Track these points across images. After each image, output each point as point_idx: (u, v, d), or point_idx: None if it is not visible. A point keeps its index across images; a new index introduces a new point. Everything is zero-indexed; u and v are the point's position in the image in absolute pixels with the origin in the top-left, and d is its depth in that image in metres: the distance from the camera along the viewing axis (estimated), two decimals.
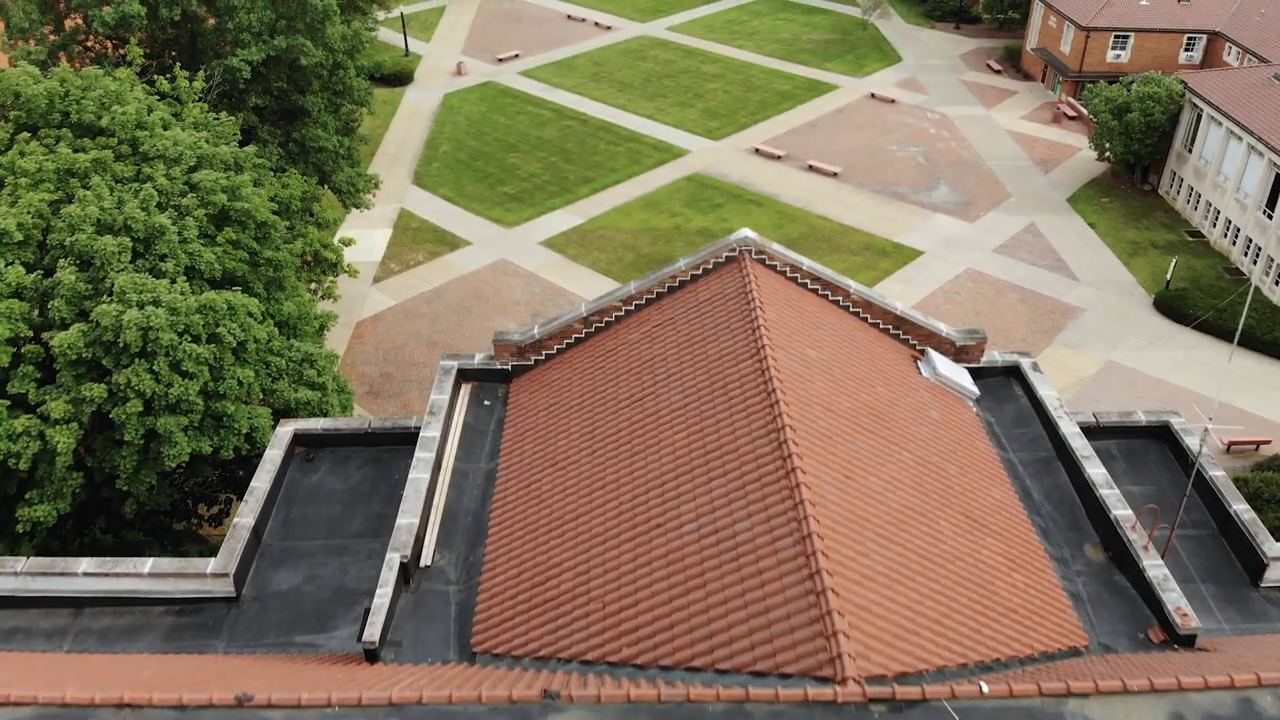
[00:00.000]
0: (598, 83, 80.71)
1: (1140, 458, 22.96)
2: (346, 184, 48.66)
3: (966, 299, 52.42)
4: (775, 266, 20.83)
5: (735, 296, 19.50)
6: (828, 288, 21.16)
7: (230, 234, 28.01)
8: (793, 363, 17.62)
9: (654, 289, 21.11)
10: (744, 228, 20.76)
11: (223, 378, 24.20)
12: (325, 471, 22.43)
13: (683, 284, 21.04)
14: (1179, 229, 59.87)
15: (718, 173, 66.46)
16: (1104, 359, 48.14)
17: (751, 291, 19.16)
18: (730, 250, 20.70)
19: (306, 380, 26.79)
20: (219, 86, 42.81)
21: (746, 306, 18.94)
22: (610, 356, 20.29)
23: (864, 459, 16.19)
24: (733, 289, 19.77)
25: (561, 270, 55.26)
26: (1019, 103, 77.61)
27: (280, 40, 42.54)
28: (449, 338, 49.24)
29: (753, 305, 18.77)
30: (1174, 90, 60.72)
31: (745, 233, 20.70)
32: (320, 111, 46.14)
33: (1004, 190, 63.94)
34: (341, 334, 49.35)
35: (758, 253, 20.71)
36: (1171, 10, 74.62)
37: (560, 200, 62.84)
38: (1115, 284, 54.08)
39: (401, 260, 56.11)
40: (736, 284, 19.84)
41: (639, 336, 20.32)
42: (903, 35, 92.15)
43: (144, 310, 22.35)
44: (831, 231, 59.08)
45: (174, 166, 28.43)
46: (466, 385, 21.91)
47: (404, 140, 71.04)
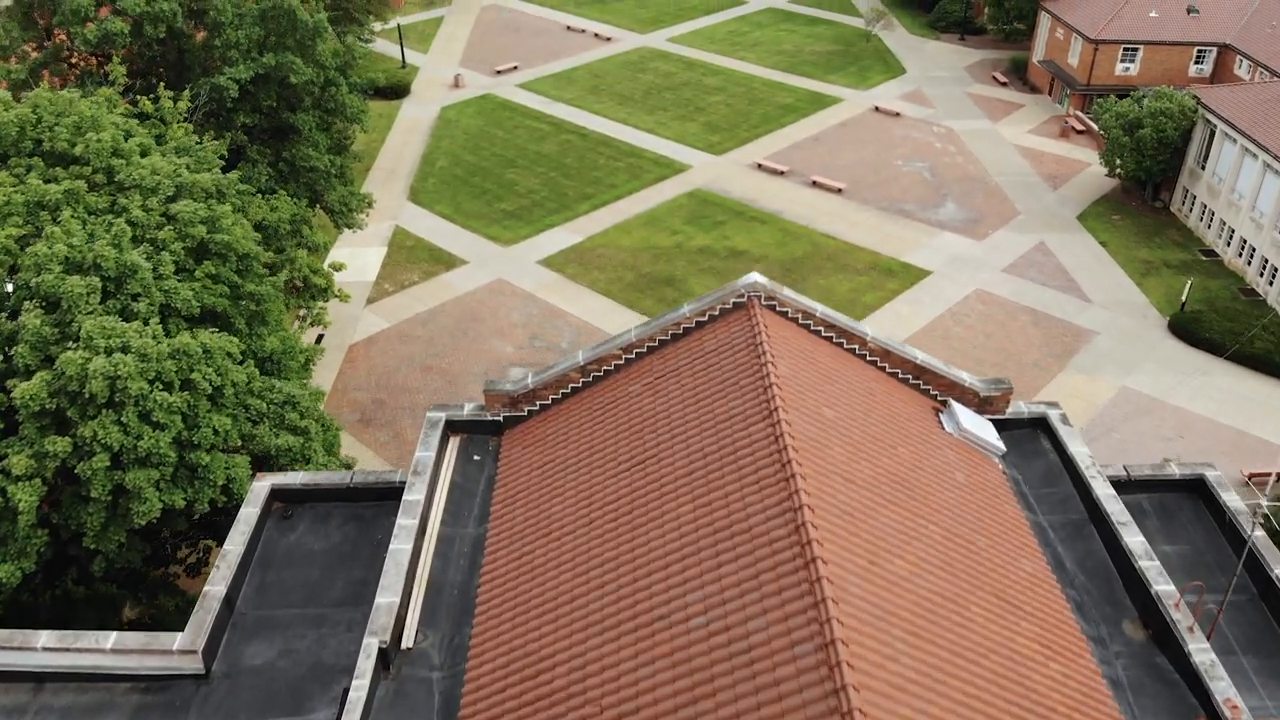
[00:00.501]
0: (597, 95, 79.40)
1: (1174, 514, 21.55)
2: (338, 203, 47.30)
3: (976, 321, 51.00)
4: (786, 313, 19.42)
5: (744, 348, 18.07)
6: (843, 335, 19.74)
7: (210, 268, 26.60)
8: (808, 425, 16.18)
9: (656, 336, 19.68)
10: (753, 272, 19.34)
11: (197, 426, 22.77)
12: (304, 530, 21.00)
13: (687, 331, 19.61)
14: (1192, 248, 58.48)
15: (720, 189, 65.10)
16: (1118, 385, 46.70)
17: (762, 343, 17.74)
18: (738, 295, 19.28)
19: (288, 424, 25.35)
20: (205, 106, 41.44)
21: (756, 360, 17.52)
22: (609, 410, 18.86)
23: (888, 538, 14.75)
24: (741, 339, 18.35)
25: (560, 290, 53.87)
26: (1026, 116, 76.29)
27: (269, 58, 41.19)
28: (444, 361, 47.81)
29: (763, 359, 17.35)
30: (1186, 106, 59.38)
31: (754, 277, 19.27)
32: (311, 130, 44.77)
33: (1012, 207, 62.56)
34: (333, 357, 47.92)
35: (767, 298, 19.29)
36: (1181, 22, 73.33)
37: (559, 217, 61.46)
38: (1128, 305, 52.65)
39: (396, 280, 54.71)
40: (745, 333, 18.41)
41: (640, 389, 18.90)
42: (906, 47, 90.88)
43: (111, 358, 20.92)
44: (837, 250, 57.69)
45: (151, 197, 27.03)
46: (455, 438, 20.50)
47: (400, 155, 69.69)
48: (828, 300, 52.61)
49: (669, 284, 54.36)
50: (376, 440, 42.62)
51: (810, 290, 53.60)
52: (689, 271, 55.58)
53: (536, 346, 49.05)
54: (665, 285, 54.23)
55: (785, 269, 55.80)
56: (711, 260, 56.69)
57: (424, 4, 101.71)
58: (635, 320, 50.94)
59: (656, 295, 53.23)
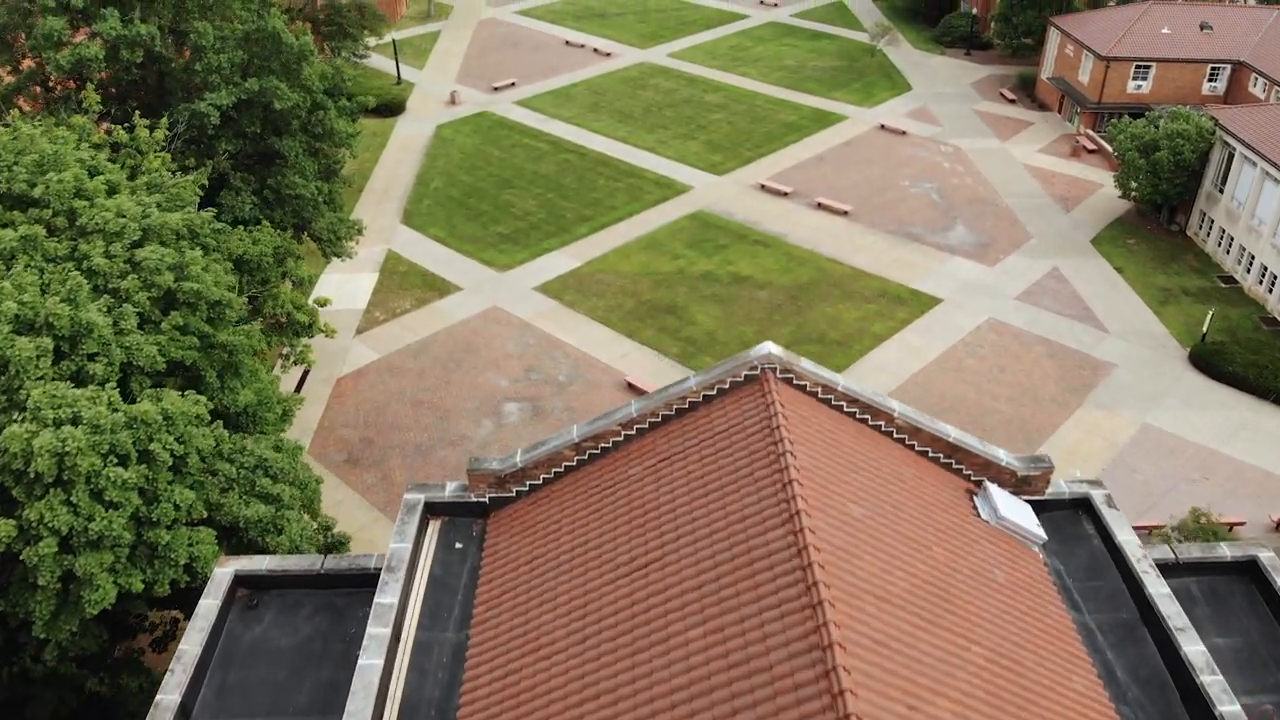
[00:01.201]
0: (596, 113, 77.61)
1: (1225, 600, 19.62)
2: (326, 231, 45.44)
3: (990, 353, 49.08)
4: (804, 387, 17.48)
5: (758, 431, 16.14)
6: (867, 411, 17.81)
7: (177, 318, 24.69)
8: (834, 530, 14.24)
9: (659, 411, 17.76)
10: (766, 341, 17.40)
11: (157, 501, 20.83)
12: (270, 621, 19.02)
13: (693, 406, 17.68)
14: (1210, 274, 56.61)
15: (722, 211, 63.25)
16: (1140, 421, 44.76)
17: (779, 426, 15.80)
18: (750, 368, 17.35)
19: (259, 491, 23.40)
20: (185, 133, 39.59)
21: (773, 446, 15.58)
22: (607, 497, 16.92)
23: (928, 671, 12.79)
24: (755, 419, 16.42)
25: (557, 319, 51.95)
26: (1035, 135, 74.50)
27: (252, 82, 39.36)
28: (435, 396, 45.85)
29: (781, 445, 15.41)
30: (1204, 127, 57.59)
31: (768, 348, 17.34)
32: (298, 156, 42.92)
33: (1024, 230, 60.71)
34: (320, 391, 46.01)
35: (783, 371, 17.36)
36: (1194, 39, 71.61)
37: (556, 241, 59.60)
38: (1147, 336, 50.74)
39: (387, 308, 52.79)
40: (759, 412, 16.48)
41: (641, 472, 16.96)
42: (912, 62, 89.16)
43: (60, 431, 19.00)
44: (843, 276, 55.81)
45: (115, 242, 25.14)
46: (435, 521, 18.55)
47: (394, 175, 67.86)
48: (835, 330, 50.77)
49: (670, 312, 52.47)
50: (363, 482, 40.65)
51: (817, 319, 51.75)
52: (691, 299, 53.69)
53: (533, 379, 47.14)
54: (666, 313, 52.34)
55: (790, 296, 53.93)
56: (714, 286, 54.82)
57: (420, 18, 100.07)
58: (635, 351, 49.06)
59: (657, 324, 51.35)
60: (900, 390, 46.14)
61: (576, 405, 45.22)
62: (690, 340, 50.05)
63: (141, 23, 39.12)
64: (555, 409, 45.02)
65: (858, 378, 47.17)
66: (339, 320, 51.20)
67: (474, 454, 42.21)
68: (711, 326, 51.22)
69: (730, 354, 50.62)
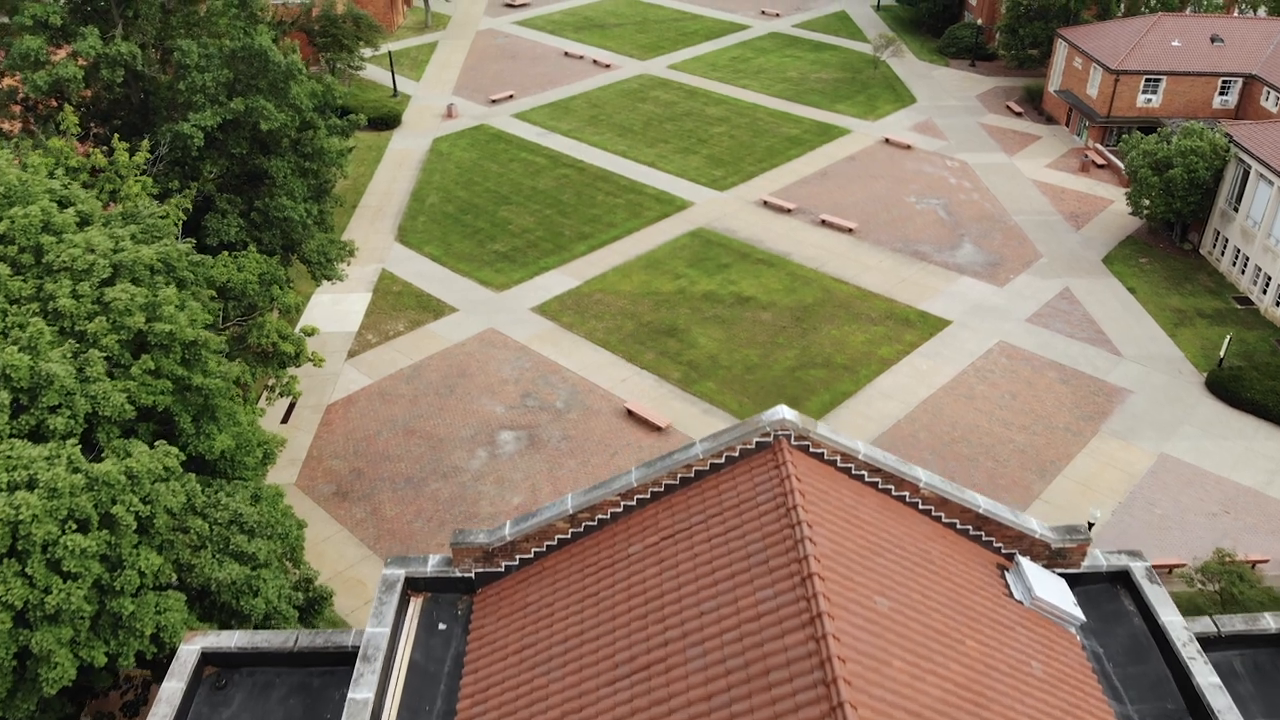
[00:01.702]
0: (596, 126, 76.20)
1: (1269, 675, 18.18)
2: (316, 253, 43.93)
3: (1001, 378, 47.59)
4: (822, 455, 16.00)
5: (773, 509, 14.65)
6: (890, 481, 16.32)
7: (148, 362, 23.18)
8: (859, 632, 12.74)
9: (662, 480, 16.27)
10: (780, 405, 15.91)
11: (121, 568, 19.32)
12: (240, 704, 17.51)
13: (700, 475, 16.19)
14: (1225, 295, 55.15)
15: (724, 228, 61.81)
16: (1157, 451, 43.25)
17: (796, 506, 14.31)
18: (762, 434, 15.86)
19: (234, 550, 21.88)
20: (169, 155, 38.14)
21: (790, 530, 14.09)
22: (605, 579, 15.43)
23: None
24: (768, 494, 14.93)
25: (555, 341, 50.46)
26: (1043, 149, 73.10)
27: (238, 102, 37.91)
28: (428, 424, 44.34)
29: (799, 531, 13.91)
30: (1218, 144, 56.17)
31: (782, 412, 15.86)
32: (286, 177, 41.43)
33: (1033, 249, 59.26)
34: (309, 419, 44.51)
35: (798, 438, 15.88)
36: (1205, 52, 70.25)
37: (554, 259, 58.14)
38: (1162, 360, 49.27)
39: (380, 330, 51.29)
40: (773, 487, 14.99)
41: (643, 551, 15.47)
42: (916, 74, 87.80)
43: (14, 497, 17.52)
44: (849, 297, 54.33)
45: (83, 280, 23.65)
46: (416, 599, 17.05)
47: (389, 191, 66.42)
48: (841, 353, 49.28)
49: (671, 334, 50.98)
50: (352, 517, 39.12)
51: (822, 341, 50.26)
52: (692, 320, 52.21)
53: (529, 406, 45.63)
54: (667, 336, 50.85)
55: (795, 317, 52.46)
56: (716, 308, 53.34)
57: (418, 28, 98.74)
58: (635, 376, 47.57)
59: (658, 347, 49.86)
60: (909, 419, 44.65)
61: (574, 434, 43.74)
62: (692, 364, 48.58)
63: (124, 40, 37.76)
64: (552, 438, 43.52)
65: (865, 404, 45.71)
66: (330, 343, 49.79)
67: (466, 485, 40.74)
68: (714, 350, 49.73)
69: (733, 379, 49.34)
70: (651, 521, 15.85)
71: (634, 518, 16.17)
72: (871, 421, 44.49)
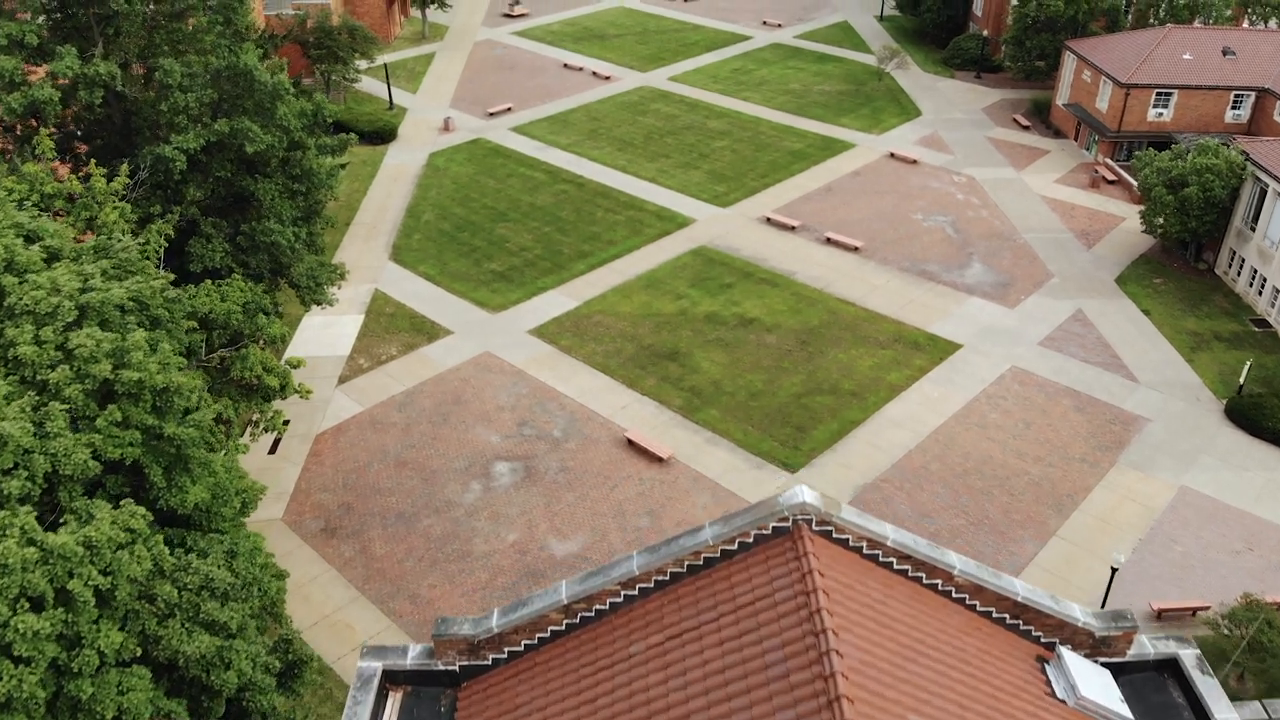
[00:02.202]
0: (595, 140, 74.71)
1: None
2: (305, 277, 42.38)
3: (1014, 406, 46.01)
4: (846, 542, 14.42)
5: (793, 609, 13.07)
6: (921, 568, 14.75)
7: (116, 413, 21.62)
8: None
9: (667, 568, 14.70)
10: (800, 485, 14.34)
11: (79, 646, 17.73)
12: None
13: (709, 563, 14.62)
14: (1242, 316, 53.61)
15: (726, 246, 60.28)
16: (1177, 484, 41.68)
17: (820, 609, 12.73)
18: (780, 519, 14.29)
19: (204, 618, 20.29)
20: (150, 179, 36.60)
21: (813, 636, 12.50)
22: (603, 683, 13.84)
23: None
24: (788, 593, 13.36)
25: (553, 366, 48.90)
26: (1052, 164, 71.62)
27: (222, 124, 36.39)
28: (421, 454, 42.75)
29: (823, 642, 12.32)
30: (1234, 162, 54.70)
31: (802, 494, 14.28)
32: (274, 199, 39.89)
33: (1044, 268, 57.74)
34: (298, 450, 42.92)
35: (820, 523, 14.30)
36: (1217, 66, 68.83)
37: (553, 279, 56.59)
38: (1180, 386, 47.71)
39: (372, 354, 49.71)
40: (793, 583, 13.43)
41: (645, 652, 13.89)
42: (920, 86, 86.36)
43: None
44: (856, 319, 52.78)
45: (47, 325, 22.10)
46: (395, 693, 15.47)
47: (383, 207, 64.91)
48: (849, 379, 47.71)
49: (672, 358, 49.43)
50: (340, 555, 37.49)
51: (829, 366, 48.71)
52: (694, 343, 50.65)
53: (525, 435, 44.04)
54: (668, 360, 49.29)
55: (800, 340, 50.92)
56: (719, 330, 51.79)
57: (415, 39, 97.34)
58: (635, 402, 46.00)
59: (659, 372, 48.30)
60: (920, 449, 43.08)
61: (573, 465, 42.16)
62: (694, 390, 47.01)
63: (104, 59, 36.26)
64: (550, 469, 41.94)
65: (874, 433, 44.13)
66: (320, 368, 48.22)
67: (459, 521, 39.13)
68: (716, 375, 48.17)
69: (737, 406, 47.73)
70: (655, 616, 14.28)
71: (636, 610, 14.61)
72: (881, 452, 42.92)
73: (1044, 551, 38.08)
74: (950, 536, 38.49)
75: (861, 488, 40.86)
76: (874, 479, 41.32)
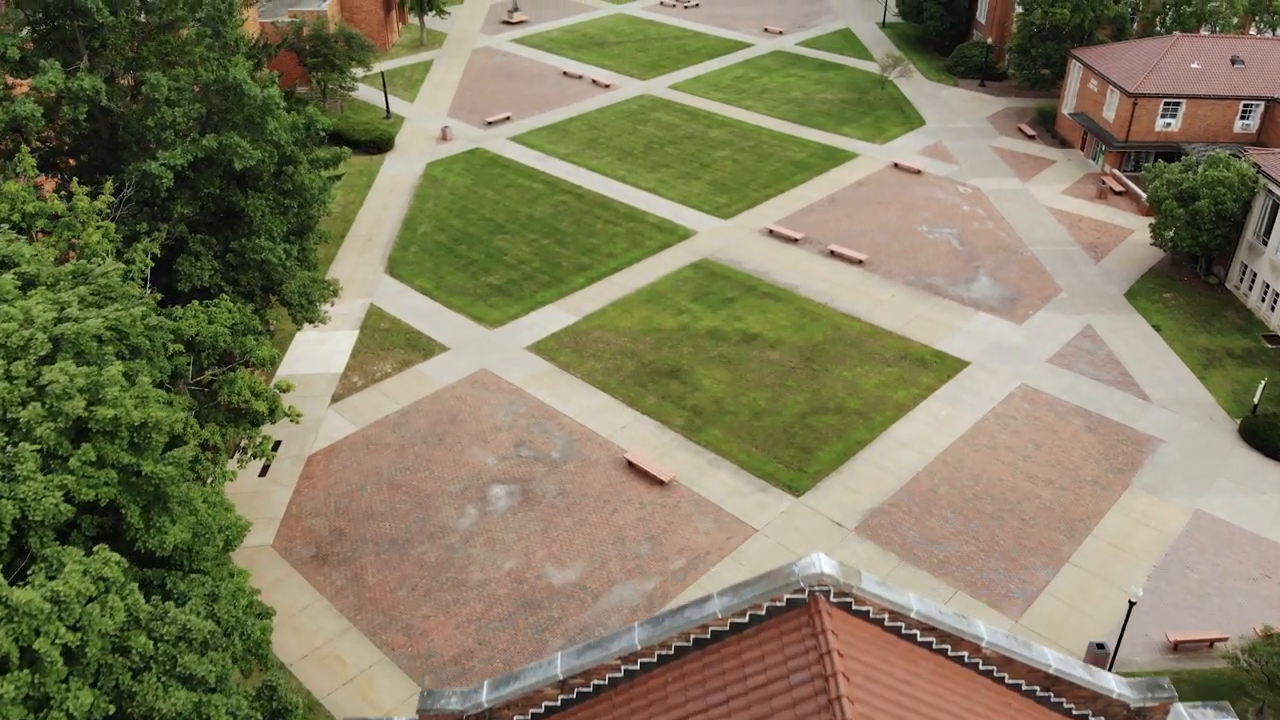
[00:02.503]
0: (595, 150, 73.66)
1: None
2: (297, 295, 41.30)
3: (1024, 426, 44.92)
4: (867, 614, 13.32)
5: (811, 694, 11.98)
6: (947, 640, 13.65)
7: (90, 452, 20.53)
8: None
9: (671, 642, 13.59)
10: (817, 553, 13.24)
11: (47, 707, 16.63)
12: None
13: (717, 637, 13.52)
14: (1254, 332, 52.55)
15: (728, 259, 59.21)
16: (1191, 507, 40.59)
17: (840, 697, 11.63)
18: (795, 591, 13.19)
19: (181, 672, 19.18)
20: (136, 196, 35.52)
21: None
22: None
23: None
24: (804, 675, 12.26)
25: (551, 383, 47.80)
26: (1058, 174, 70.58)
27: (210, 139, 35.30)
28: (415, 477, 41.64)
29: None
30: (1246, 174, 53.68)
31: (819, 564, 13.18)
32: (264, 216, 38.80)
33: (1052, 282, 56.66)
34: (289, 472, 41.80)
35: (839, 594, 13.20)
36: (1226, 75, 67.83)
37: (551, 292, 55.51)
38: (1193, 405, 46.63)
39: (366, 372, 48.62)
40: (810, 664, 12.33)
41: None
42: (924, 94, 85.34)
43: None
44: (861, 335, 51.69)
45: (18, 359, 21.02)
46: None
47: (379, 218, 63.84)
48: (854, 397, 46.61)
49: (674, 376, 48.33)
50: (332, 584, 36.36)
51: (834, 384, 47.62)
52: (696, 360, 49.57)
53: (523, 456, 42.94)
54: (670, 377, 48.20)
55: (804, 357, 49.84)
56: (721, 346, 50.71)
57: (413, 46, 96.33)
58: (635, 422, 44.89)
59: (660, 390, 47.21)
60: (929, 471, 41.98)
61: (571, 488, 41.06)
62: (696, 409, 45.91)
63: (89, 73, 35.18)
64: (548, 492, 40.83)
65: (881, 454, 43.02)
66: (313, 386, 47.16)
67: (454, 548, 38.01)
68: (719, 393, 47.07)
69: (740, 425, 46.58)
70: (659, 695, 13.17)
71: (637, 687, 13.50)
72: (889, 474, 41.82)
73: (1057, 579, 36.96)
74: (960, 564, 37.38)
75: (869, 512, 39.75)
76: (881, 503, 40.21)
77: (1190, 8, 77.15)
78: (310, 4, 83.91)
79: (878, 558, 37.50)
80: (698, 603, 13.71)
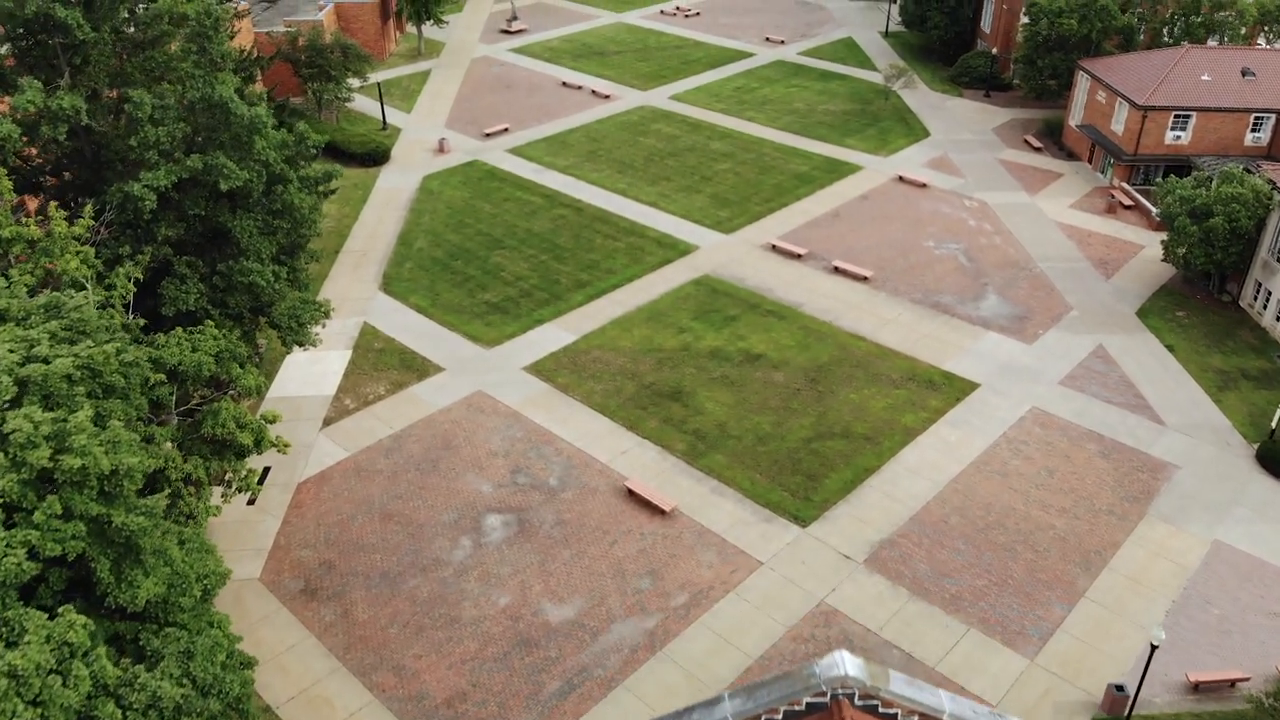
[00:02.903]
0: (594, 162, 72.43)
1: None
2: (287, 317, 40.05)
3: (1036, 451, 43.60)
4: (895, 717, 12.01)
5: None
6: None
7: (56, 504, 19.22)
8: None
9: None
10: (840, 652, 11.93)
11: None
12: None
13: None
14: (1270, 353, 51.25)
15: (730, 275, 57.94)
16: (1209, 538, 39.28)
17: None
18: (817, 694, 11.88)
19: None
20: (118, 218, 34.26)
21: None
22: None
23: None
24: None
25: (549, 406, 46.49)
26: (1066, 188, 69.37)
27: (195, 159, 34.07)
28: (408, 506, 40.31)
29: None
30: (1260, 190, 52.46)
31: (843, 664, 11.87)
32: (252, 237, 37.55)
33: (1062, 300, 55.39)
34: (278, 501, 40.47)
35: (863, 697, 11.90)
36: (1236, 87, 66.66)
37: (550, 310, 54.23)
38: (1209, 429, 45.32)
39: (358, 394, 47.30)
40: None
41: None
42: (928, 105, 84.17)
43: None
44: (867, 355, 50.39)
45: None
46: None
47: (375, 233, 62.57)
48: (861, 421, 45.31)
49: (675, 398, 47.03)
50: (320, 620, 35.00)
51: (840, 407, 46.32)
52: (698, 381, 48.27)
53: (520, 484, 41.62)
54: (671, 400, 46.89)
55: (809, 378, 48.54)
56: (724, 366, 49.43)
57: (410, 55, 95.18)
58: (636, 447, 43.57)
59: (661, 413, 45.90)
60: (939, 500, 40.67)
61: (569, 517, 39.73)
62: (698, 434, 44.60)
63: (69, 92, 33.96)
64: (545, 522, 39.50)
65: (890, 482, 41.68)
66: (304, 409, 45.86)
67: (447, 582, 36.62)
68: (722, 416, 45.77)
69: (744, 450, 45.15)
70: None
71: None
72: (898, 503, 40.50)
73: (1072, 615, 35.62)
74: (973, 599, 36.05)
75: (878, 544, 38.42)
76: (891, 534, 38.89)
77: (1199, 18, 76.00)
78: (307, 13, 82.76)
79: (888, 593, 36.17)
80: (706, 705, 12.40)
